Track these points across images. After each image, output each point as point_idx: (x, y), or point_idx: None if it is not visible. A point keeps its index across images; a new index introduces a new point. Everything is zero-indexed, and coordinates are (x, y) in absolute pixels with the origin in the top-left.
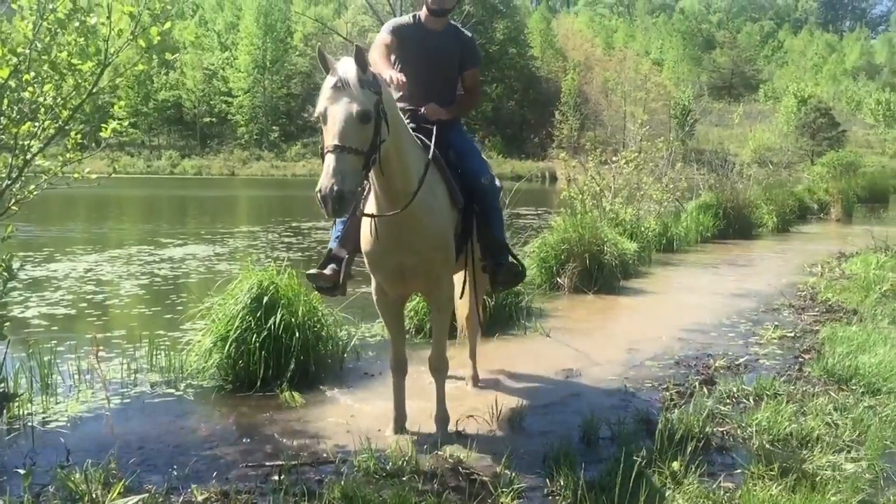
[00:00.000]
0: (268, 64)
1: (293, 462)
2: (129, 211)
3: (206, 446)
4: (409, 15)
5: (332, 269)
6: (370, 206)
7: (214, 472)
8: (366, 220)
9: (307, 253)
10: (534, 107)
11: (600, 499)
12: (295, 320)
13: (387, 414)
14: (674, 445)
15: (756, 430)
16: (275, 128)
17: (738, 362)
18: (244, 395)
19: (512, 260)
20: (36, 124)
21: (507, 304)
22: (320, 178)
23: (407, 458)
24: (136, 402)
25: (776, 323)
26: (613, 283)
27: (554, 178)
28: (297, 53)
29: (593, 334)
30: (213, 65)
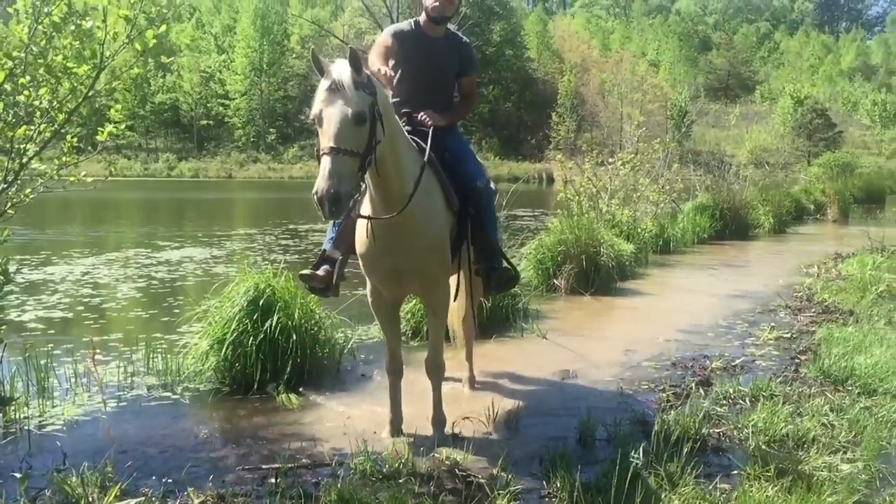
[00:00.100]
0: (264, 66)
1: (290, 465)
2: (126, 214)
3: (202, 449)
4: (409, 21)
5: (325, 271)
6: (365, 208)
7: (211, 476)
8: (361, 222)
9: (304, 255)
10: (531, 108)
11: (596, 500)
12: (291, 323)
13: (383, 416)
14: (670, 447)
15: (752, 432)
16: (272, 130)
17: (734, 363)
18: (241, 397)
19: (505, 264)
20: (32, 128)
21: (503, 306)
22: (317, 180)
23: (403, 461)
24: (133, 406)
25: (773, 324)
26: (610, 284)
27: (551, 180)
28: (294, 56)
29: (590, 336)
30: (210, 67)
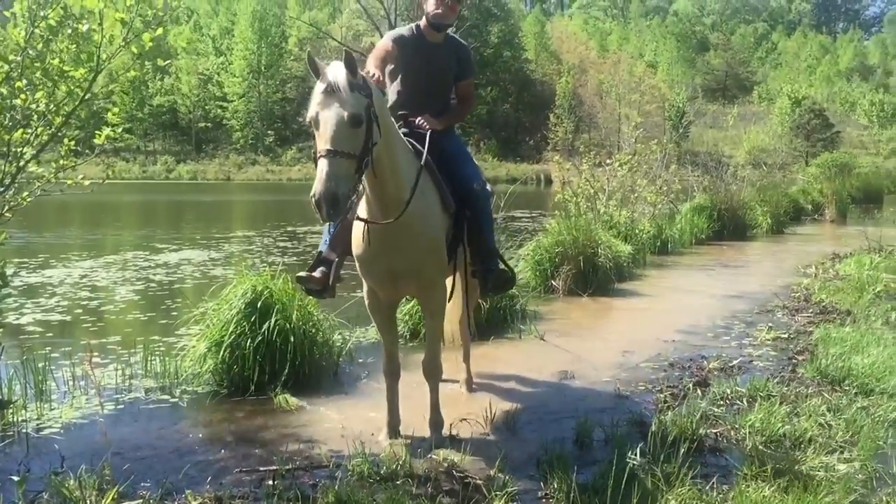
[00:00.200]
0: (263, 68)
1: (287, 467)
2: (125, 216)
3: (200, 451)
4: (410, 26)
5: (321, 272)
6: (362, 211)
7: (209, 478)
8: (357, 225)
9: (302, 257)
10: (529, 110)
11: (593, 501)
12: (289, 325)
13: (381, 418)
14: (667, 447)
15: (749, 432)
16: (270, 132)
17: (731, 364)
18: (239, 399)
19: (502, 266)
20: (29, 131)
21: (501, 308)
22: (314, 182)
23: (401, 463)
24: (131, 408)
25: (770, 324)
26: (608, 285)
27: (549, 181)
28: (292, 58)
29: (588, 337)
30: (208, 70)
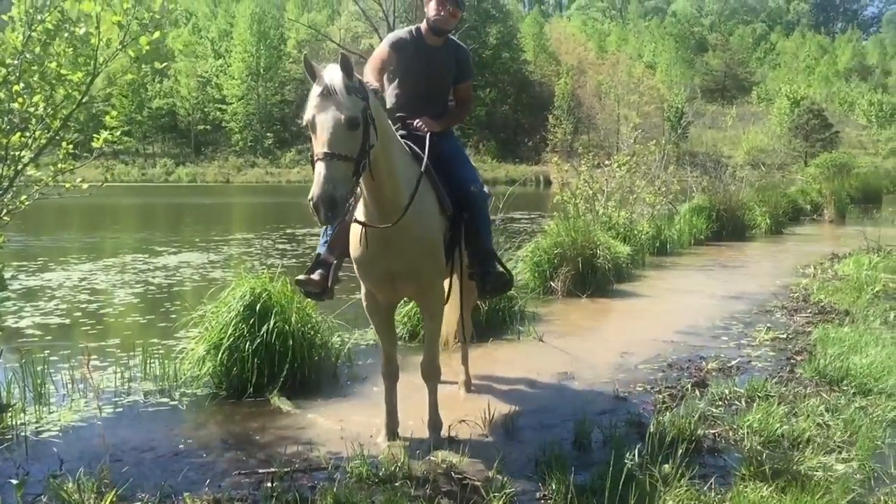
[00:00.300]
0: (261, 71)
1: (286, 469)
2: (124, 219)
3: (199, 454)
4: (410, 28)
5: (320, 275)
6: (359, 213)
7: (207, 480)
8: (355, 227)
9: (301, 259)
10: (527, 111)
11: (591, 502)
12: (288, 327)
13: (379, 420)
14: (665, 448)
15: (747, 432)
16: (269, 134)
17: (730, 364)
18: (237, 402)
19: (499, 268)
20: (27, 134)
21: (500, 309)
22: (312, 186)
23: (399, 464)
24: (130, 411)
25: (769, 325)
26: (607, 286)
27: (548, 182)
28: (291, 60)
29: (586, 338)
30: (207, 72)
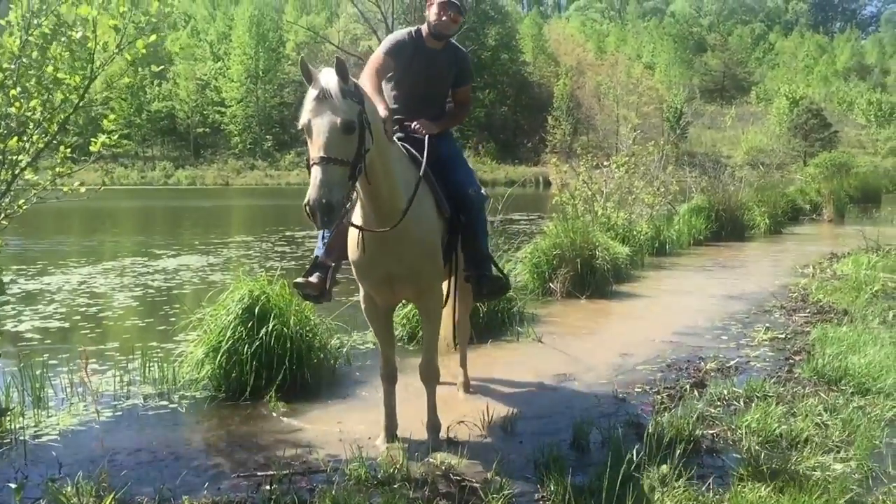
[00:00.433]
0: (260, 73)
1: (284, 471)
2: (123, 223)
3: (198, 457)
4: (409, 29)
5: (317, 277)
6: (357, 217)
7: (206, 483)
8: (353, 230)
9: (301, 262)
10: (527, 112)
11: (589, 503)
12: (287, 330)
13: (378, 422)
14: (663, 449)
15: (746, 432)
16: (268, 137)
17: (728, 364)
18: (236, 405)
19: (496, 272)
20: (24, 138)
21: (499, 310)
22: (308, 190)
23: (398, 466)
24: (129, 414)
25: (767, 325)
26: (606, 287)
27: (548, 183)
28: (290, 62)
29: (585, 339)
30: (206, 75)
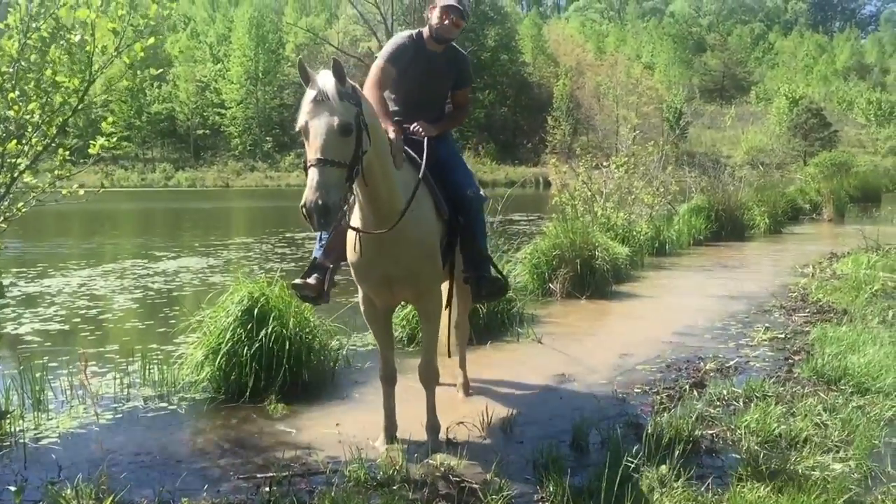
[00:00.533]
0: (260, 75)
1: (284, 473)
2: (124, 225)
3: (197, 459)
4: (411, 32)
5: (316, 279)
6: (355, 219)
7: (206, 485)
8: (351, 232)
9: (301, 263)
10: (526, 112)
11: None
12: (286, 331)
13: (378, 424)
14: (662, 449)
15: (745, 432)
16: (268, 138)
17: (728, 365)
18: (236, 406)
19: (494, 273)
20: (23, 141)
21: (499, 311)
22: (305, 191)
23: (397, 468)
24: (129, 417)
25: (767, 325)
26: (605, 287)
27: (548, 184)
28: (290, 64)
29: (585, 340)
30: (206, 77)
